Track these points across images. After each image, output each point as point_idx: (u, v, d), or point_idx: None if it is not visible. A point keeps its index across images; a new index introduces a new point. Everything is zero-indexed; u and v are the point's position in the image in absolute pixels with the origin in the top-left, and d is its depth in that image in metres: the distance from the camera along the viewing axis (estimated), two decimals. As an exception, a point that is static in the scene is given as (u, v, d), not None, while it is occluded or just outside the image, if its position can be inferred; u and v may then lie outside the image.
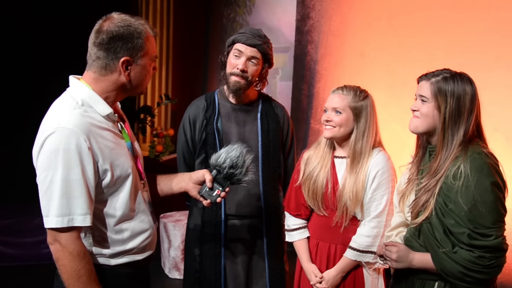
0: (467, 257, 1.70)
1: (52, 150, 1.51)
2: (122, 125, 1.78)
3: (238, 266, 2.40)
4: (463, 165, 1.72)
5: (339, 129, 2.19)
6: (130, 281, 1.73)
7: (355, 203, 2.16)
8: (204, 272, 2.39)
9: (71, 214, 1.52)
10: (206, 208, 2.36)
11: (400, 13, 4.11)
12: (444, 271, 1.75)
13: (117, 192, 1.65)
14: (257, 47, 2.31)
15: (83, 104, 1.61)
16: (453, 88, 1.77)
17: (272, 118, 2.46)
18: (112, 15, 1.66)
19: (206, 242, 2.39)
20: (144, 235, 1.74)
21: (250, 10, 6.31)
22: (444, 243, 1.76)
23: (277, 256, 2.46)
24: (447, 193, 1.74)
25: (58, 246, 1.53)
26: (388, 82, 4.09)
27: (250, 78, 2.33)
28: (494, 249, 1.70)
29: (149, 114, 6.35)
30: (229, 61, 2.35)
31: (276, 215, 2.46)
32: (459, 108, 1.77)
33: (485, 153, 1.75)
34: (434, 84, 1.80)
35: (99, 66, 1.63)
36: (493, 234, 1.69)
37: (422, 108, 1.83)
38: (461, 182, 1.71)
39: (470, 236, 1.69)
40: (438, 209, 1.76)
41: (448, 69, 1.84)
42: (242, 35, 2.32)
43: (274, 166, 2.44)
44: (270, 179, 2.43)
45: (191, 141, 2.44)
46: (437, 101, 1.79)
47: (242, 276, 2.40)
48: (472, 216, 1.69)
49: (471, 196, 1.69)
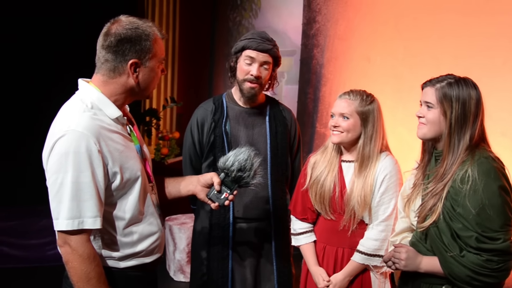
0: (475, 260, 1.70)
1: (62, 153, 1.51)
2: (131, 128, 1.78)
3: (246, 269, 2.40)
4: (471, 169, 1.72)
5: (347, 134, 2.19)
6: (139, 283, 1.73)
7: (363, 207, 2.16)
8: (212, 275, 2.39)
9: (81, 216, 1.52)
10: (214, 211, 2.36)
11: (406, 17, 4.10)
12: (452, 275, 1.74)
13: (126, 195, 1.66)
14: (269, 51, 2.31)
15: (93, 107, 1.62)
16: (458, 93, 1.78)
17: (280, 121, 2.47)
18: (120, 18, 1.66)
19: (214, 245, 2.39)
20: (152, 238, 1.74)
21: (256, 14, 6.31)
22: (452, 247, 1.75)
23: (285, 258, 2.47)
24: (454, 197, 1.74)
25: (68, 249, 1.54)
26: (394, 86, 4.08)
27: (263, 83, 2.35)
28: (502, 252, 1.69)
29: (154, 117, 6.37)
30: (240, 67, 2.35)
31: (283, 217, 2.46)
32: (465, 113, 1.77)
33: (492, 157, 1.76)
34: (439, 90, 1.80)
35: (107, 68, 1.64)
36: (501, 237, 1.69)
37: (428, 114, 1.83)
38: (469, 186, 1.71)
39: (478, 239, 1.69)
40: (446, 213, 1.76)
41: (452, 75, 1.84)
42: (252, 41, 2.31)
43: (282, 168, 2.44)
44: (279, 182, 2.43)
45: (198, 144, 2.44)
46: (443, 106, 1.79)
47: (250, 279, 2.40)
48: (480, 220, 1.69)
49: (479, 200, 1.69)
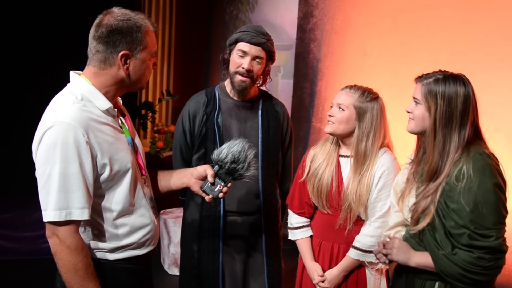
0: (466, 258, 1.69)
1: (50, 144, 1.51)
2: (123, 120, 1.77)
3: (236, 263, 2.39)
4: (466, 166, 1.71)
5: (338, 126, 2.19)
6: (129, 276, 1.71)
7: (358, 205, 2.16)
8: (202, 268, 2.39)
9: (68, 207, 1.52)
10: (205, 204, 2.35)
11: (403, 12, 4.09)
12: (444, 272, 1.74)
13: (115, 186, 1.64)
14: (262, 45, 2.28)
15: (82, 98, 1.61)
16: (444, 90, 1.76)
17: (272, 115, 2.45)
18: (112, 9, 1.65)
19: (204, 238, 2.39)
20: (144, 230, 1.73)
21: (253, 8, 6.29)
22: (444, 244, 1.75)
23: (275, 253, 2.47)
24: (449, 194, 1.73)
25: (56, 240, 1.53)
26: (390, 81, 4.06)
27: (255, 77, 2.32)
28: (493, 250, 1.69)
29: (150, 110, 6.35)
30: (232, 60, 2.32)
31: (273, 212, 2.46)
32: (450, 110, 1.75)
33: (487, 154, 1.74)
34: (425, 86, 1.79)
35: (98, 59, 1.63)
36: (494, 235, 1.68)
37: (415, 110, 1.83)
38: (463, 183, 1.70)
39: (470, 236, 1.68)
40: (440, 211, 1.75)
41: (442, 71, 1.83)
42: (246, 33, 2.29)
43: (273, 163, 2.43)
44: (269, 176, 2.42)
45: (189, 135, 2.41)
46: (428, 102, 1.78)
47: (239, 273, 2.40)
48: (473, 217, 1.68)
49: (473, 197, 1.68)
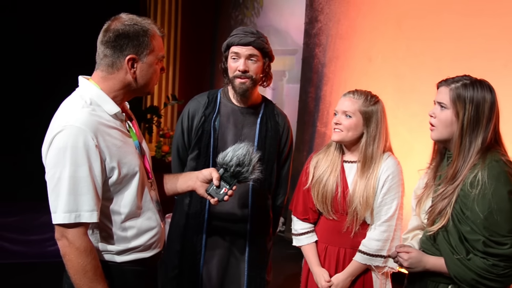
0: (481, 264, 1.69)
1: (60, 147, 1.53)
2: (130, 124, 1.79)
3: (214, 268, 2.35)
4: (481, 172, 1.70)
5: (347, 133, 2.18)
6: (136, 278, 1.74)
7: (365, 207, 2.15)
8: (183, 269, 2.36)
9: (78, 210, 1.54)
10: (192, 205, 2.34)
11: (408, 17, 4.10)
12: (458, 277, 1.74)
13: (123, 189, 1.67)
14: (252, 44, 2.25)
15: (92, 103, 1.64)
16: (473, 95, 1.75)
17: (271, 125, 2.39)
18: (120, 15, 1.69)
19: (188, 239, 2.36)
20: (151, 233, 1.75)
21: (258, 12, 6.31)
22: (459, 249, 1.74)
23: (259, 266, 2.38)
24: (464, 200, 1.73)
25: (65, 242, 1.55)
26: (395, 86, 4.07)
27: (254, 76, 2.28)
28: (508, 258, 1.68)
29: (155, 115, 6.37)
30: (229, 65, 2.31)
31: (263, 224, 2.41)
32: (478, 116, 1.75)
33: (503, 161, 1.73)
34: (454, 91, 1.78)
35: (106, 64, 1.66)
36: (508, 242, 1.68)
37: (441, 114, 1.81)
38: (478, 190, 1.69)
39: (485, 243, 1.68)
40: (455, 215, 1.75)
41: (468, 76, 1.82)
42: (235, 36, 2.28)
43: (266, 174, 2.32)
44: (260, 188, 2.35)
45: (187, 134, 2.39)
46: (456, 107, 1.77)
47: (216, 278, 2.36)
48: (488, 224, 1.67)
49: (487, 204, 1.67)
